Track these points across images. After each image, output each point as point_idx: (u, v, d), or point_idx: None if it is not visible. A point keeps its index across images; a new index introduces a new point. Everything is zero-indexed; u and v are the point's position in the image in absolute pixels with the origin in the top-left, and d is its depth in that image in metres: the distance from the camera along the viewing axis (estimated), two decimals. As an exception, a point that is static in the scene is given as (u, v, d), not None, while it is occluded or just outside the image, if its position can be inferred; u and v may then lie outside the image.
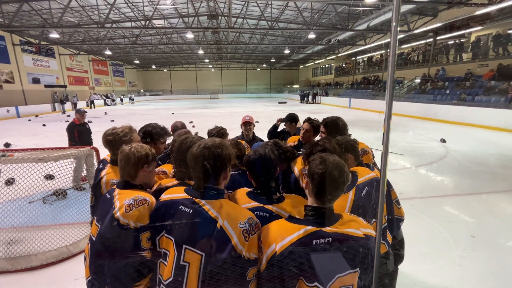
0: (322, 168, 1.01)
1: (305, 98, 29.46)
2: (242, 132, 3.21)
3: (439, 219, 3.53)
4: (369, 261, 1.02)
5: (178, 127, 2.63)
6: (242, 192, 1.34)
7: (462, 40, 16.61)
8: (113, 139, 1.66)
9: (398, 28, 0.72)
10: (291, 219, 1.07)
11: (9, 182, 3.86)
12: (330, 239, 0.97)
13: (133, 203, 1.19)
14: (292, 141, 2.73)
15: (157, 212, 1.15)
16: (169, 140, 2.18)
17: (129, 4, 16.41)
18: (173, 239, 1.07)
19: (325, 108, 21.91)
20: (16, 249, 2.85)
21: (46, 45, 21.96)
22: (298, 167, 1.69)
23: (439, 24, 14.77)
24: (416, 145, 7.92)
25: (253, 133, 3.23)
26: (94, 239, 1.26)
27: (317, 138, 2.52)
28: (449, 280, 2.45)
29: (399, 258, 1.73)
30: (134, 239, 1.17)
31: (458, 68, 15.26)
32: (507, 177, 5.19)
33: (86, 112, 5.25)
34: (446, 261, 2.71)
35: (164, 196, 1.17)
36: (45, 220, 3.24)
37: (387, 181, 1.38)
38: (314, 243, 0.96)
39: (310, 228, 0.98)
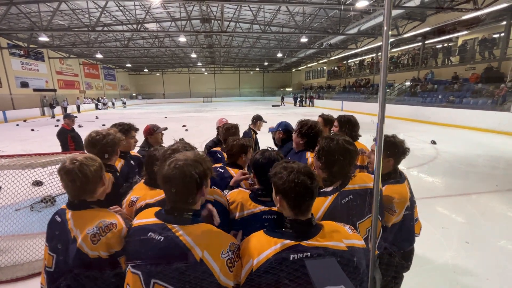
0: (292, 179, 0.94)
1: (283, 101, 30.80)
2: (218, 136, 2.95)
3: (431, 220, 3.57)
4: (353, 275, 0.93)
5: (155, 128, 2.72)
6: (244, 196, 1.29)
7: (450, 44, 17.06)
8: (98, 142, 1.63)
9: (390, 32, 0.73)
10: (269, 231, 0.99)
11: (-5, 189, 3.74)
12: (309, 253, 0.90)
13: (98, 231, 1.04)
14: None
15: (127, 242, 1.02)
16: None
17: (121, 8, 16.27)
18: (139, 273, 0.91)
19: (319, 111, 22.10)
20: (1, 259, 2.75)
21: (35, 49, 21.55)
22: None
23: (427, 29, 15.13)
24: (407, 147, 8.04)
25: None
26: (52, 270, 1.09)
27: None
28: (442, 281, 2.47)
29: (398, 268, 1.69)
30: (112, 266, 1.05)
31: (446, 71, 15.64)
32: (495, 177, 5.30)
33: (76, 116, 5.14)
34: (439, 262, 2.73)
35: (135, 222, 1.03)
36: (33, 228, 3.14)
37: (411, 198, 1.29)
38: (291, 258, 0.89)
39: (287, 242, 0.92)
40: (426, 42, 17.90)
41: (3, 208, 3.24)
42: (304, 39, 17.27)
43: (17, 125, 15.88)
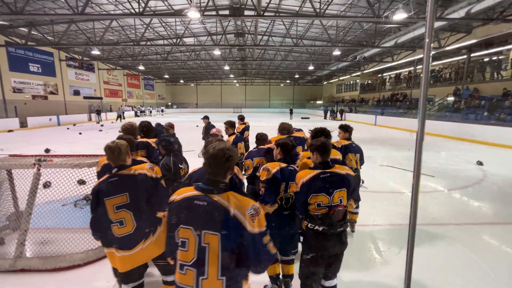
0: (318, 141, 1.99)
1: (291, 114, 30.38)
2: None
3: (476, 249, 3.22)
4: (347, 185, 1.94)
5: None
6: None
7: (499, 57, 15.69)
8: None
9: (432, 45, 0.71)
10: (310, 168, 2.01)
11: (47, 185, 4.16)
12: (329, 174, 1.92)
13: (151, 166, 1.99)
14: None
15: (173, 209, 1.37)
16: None
17: (163, 24, 17.61)
18: (192, 227, 1.30)
19: (349, 124, 21.40)
20: (48, 249, 3.02)
21: (87, 61, 24.05)
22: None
23: (473, 41, 14.13)
24: (449, 167, 7.42)
25: None
26: (129, 202, 1.85)
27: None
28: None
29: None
30: (160, 183, 2.01)
31: (495, 87, 14.34)
32: (558, 206, 4.64)
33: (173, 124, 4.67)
34: (486, 297, 2.44)
35: (178, 197, 1.38)
36: (75, 223, 3.41)
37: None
38: (321, 177, 1.91)
39: (318, 171, 1.94)
40: (472, 55, 16.67)
41: (53, 203, 3.59)
42: (337, 52, 17.09)
43: (68, 128, 17.63)
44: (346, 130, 3.45)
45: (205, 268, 1.28)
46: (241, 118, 6.30)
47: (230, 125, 4.59)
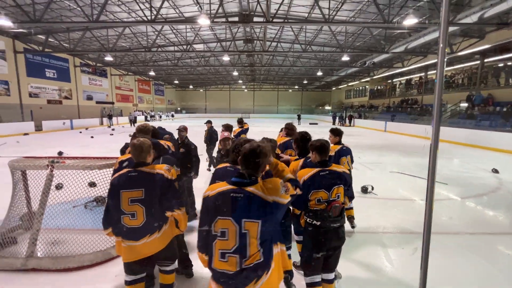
0: (318, 142, 2.14)
1: (299, 119, 30.95)
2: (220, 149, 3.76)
3: (492, 260, 3.10)
4: (345, 182, 2.11)
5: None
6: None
7: (515, 63, 15.30)
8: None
9: (447, 50, 0.69)
10: (309, 166, 2.17)
11: (59, 186, 4.26)
12: (328, 171, 2.07)
13: (168, 168, 2.07)
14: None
15: (209, 203, 1.49)
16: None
17: (174, 31, 18.01)
18: (231, 218, 1.42)
19: (358, 130, 21.16)
20: (58, 249, 3.07)
21: (101, 67, 24.76)
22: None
23: (487, 46, 13.84)
24: (463, 174, 7.21)
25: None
26: (143, 198, 1.94)
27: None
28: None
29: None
30: (174, 185, 2.06)
31: (511, 93, 13.94)
32: None
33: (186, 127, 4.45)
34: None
35: (212, 192, 1.50)
36: (85, 224, 3.47)
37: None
38: (320, 174, 2.05)
39: (318, 169, 2.08)
40: (486, 60, 16.31)
41: (64, 204, 3.66)
42: (346, 58, 17.03)
43: (80, 132, 18.07)
44: (336, 134, 3.52)
45: (247, 251, 1.41)
46: (240, 122, 6.39)
47: (226, 128, 4.80)
